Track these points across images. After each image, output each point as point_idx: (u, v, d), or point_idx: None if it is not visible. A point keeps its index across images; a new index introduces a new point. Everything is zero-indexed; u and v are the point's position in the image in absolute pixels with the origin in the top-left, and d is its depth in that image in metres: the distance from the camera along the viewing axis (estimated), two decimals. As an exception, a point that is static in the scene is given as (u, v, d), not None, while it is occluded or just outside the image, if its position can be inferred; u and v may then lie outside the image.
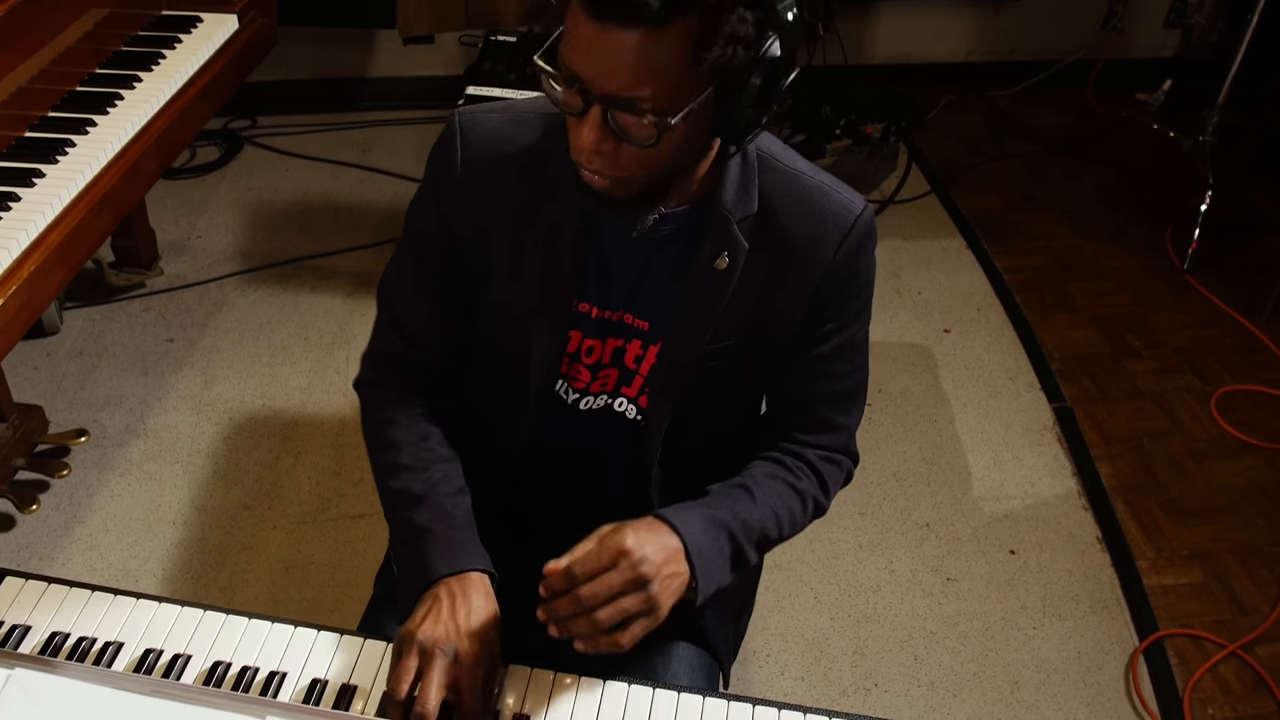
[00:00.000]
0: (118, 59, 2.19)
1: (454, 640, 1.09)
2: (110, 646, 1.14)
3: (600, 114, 0.98)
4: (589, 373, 1.26)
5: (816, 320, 1.22)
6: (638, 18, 0.92)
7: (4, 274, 1.69)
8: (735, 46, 0.96)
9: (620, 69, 0.95)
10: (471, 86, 2.54)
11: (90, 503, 2.32)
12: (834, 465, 1.31)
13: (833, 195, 1.18)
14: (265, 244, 3.08)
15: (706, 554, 1.11)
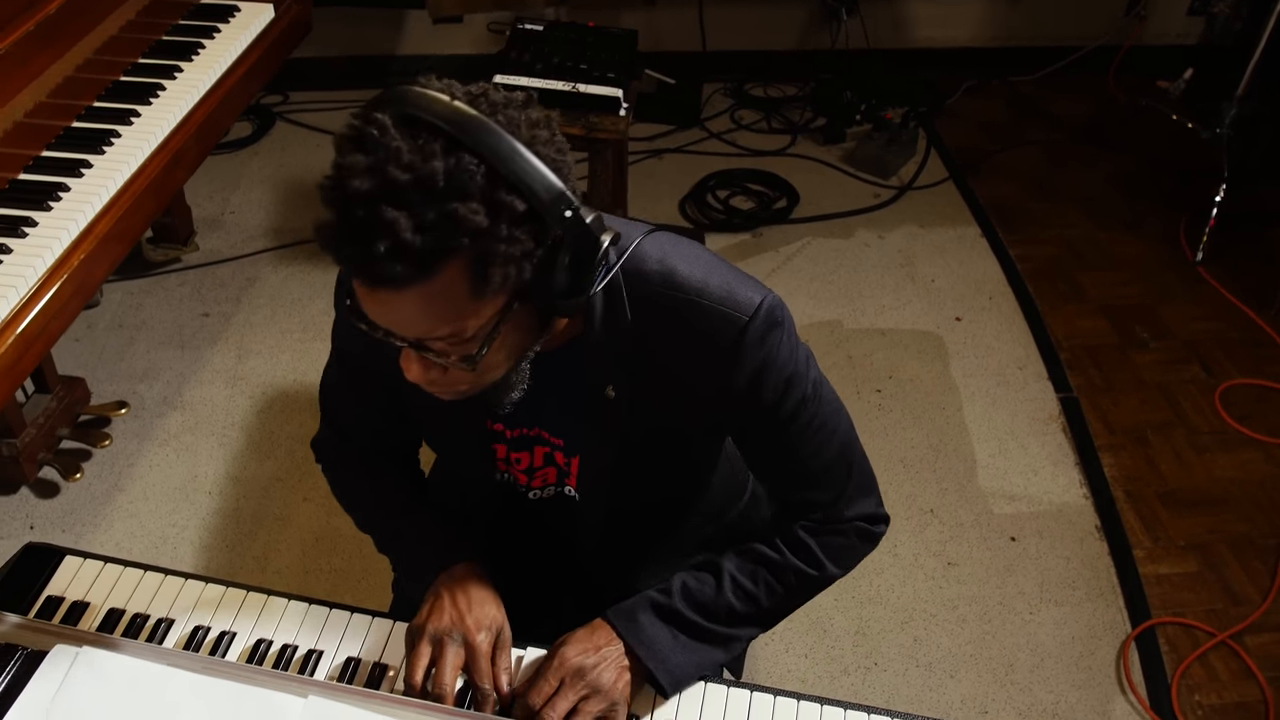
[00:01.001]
0: (159, 49, 2.27)
1: (459, 626, 1.19)
2: (162, 623, 1.25)
3: (416, 354, 1.01)
4: (526, 475, 1.32)
5: (741, 422, 1.22)
6: (402, 282, 0.90)
7: (56, 263, 1.78)
8: (515, 264, 0.94)
9: (410, 322, 0.96)
10: (499, 75, 2.61)
11: (130, 472, 2.44)
12: (835, 535, 1.28)
13: (710, 306, 1.12)
14: (296, 220, 3.17)
15: (656, 644, 1.19)
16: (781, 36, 3.86)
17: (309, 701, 1.06)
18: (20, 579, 1.30)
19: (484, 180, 0.90)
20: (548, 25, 2.74)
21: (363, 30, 3.63)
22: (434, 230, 0.88)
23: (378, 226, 0.87)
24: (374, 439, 1.37)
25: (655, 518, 1.38)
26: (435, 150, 0.89)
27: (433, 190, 0.88)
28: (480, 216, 0.89)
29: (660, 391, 1.16)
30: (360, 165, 0.88)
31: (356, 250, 0.89)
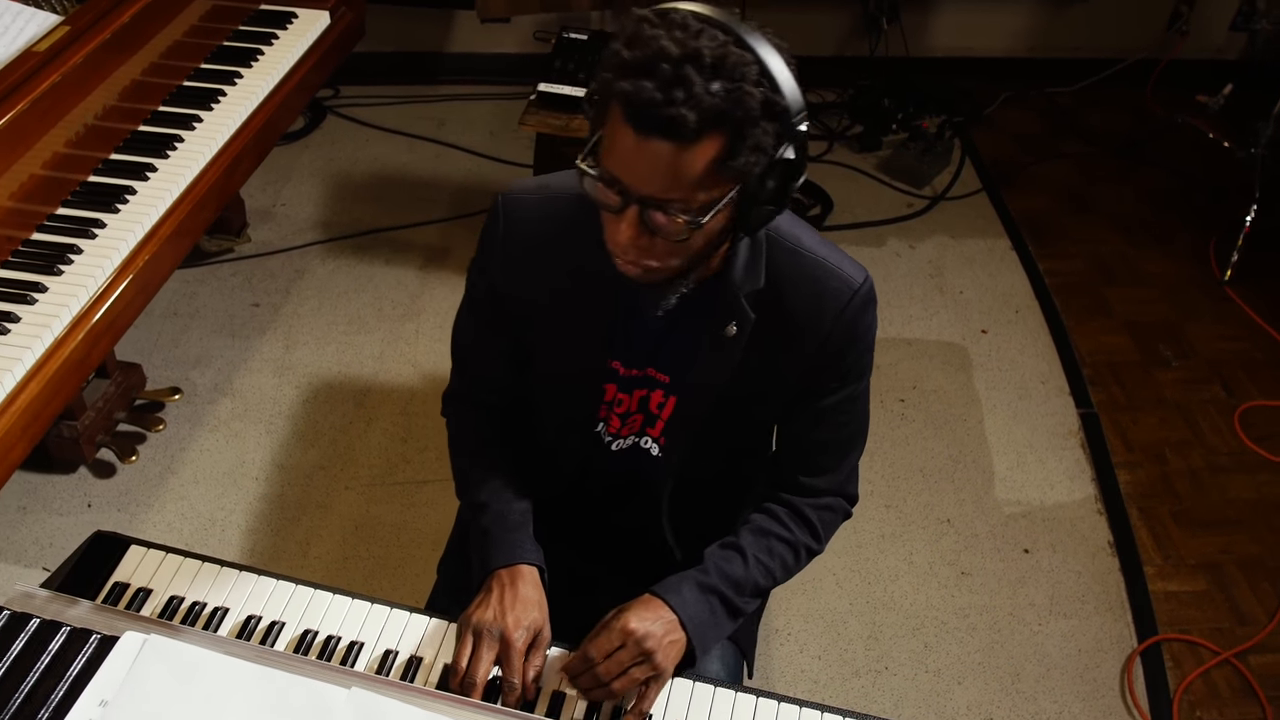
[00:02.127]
0: (220, 54, 2.38)
1: (500, 623, 1.30)
2: (218, 612, 1.36)
3: (637, 213, 1.14)
4: (619, 420, 1.44)
5: (818, 379, 1.37)
6: (674, 134, 1.06)
7: (123, 263, 1.90)
8: (757, 155, 1.11)
9: (657, 175, 1.10)
10: (544, 84, 2.70)
11: (182, 456, 2.56)
12: (829, 511, 1.47)
13: (833, 270, 1.31)
14: (345, 214, 3.29)
15: (699, 619, 1.33)
16: (821, 43, 3.92)
17: (352, 692, 1.16)
18: (89, 565, 1.41)
19: (758, 75, 1.08)
20: (592, 35, 2.82)
21: (413, 28, 3.73)
22: (720, 97, 1.05)
23: (681, 80, 1.04)
24: (499, 386, 1.49)
25: (718, 488, 1.52)
26: (729, 42, 1.08)
27: (724, 67, 1.06)
28: (754, 100, 1.07)
29: (771, 340, 1.32)
30: (670, 36, 1.06)
31: (658, 94, 1.05)
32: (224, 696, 1.15)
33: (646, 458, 1.47)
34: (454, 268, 3.09)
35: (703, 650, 1.33)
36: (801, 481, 1.45)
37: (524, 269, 1.36)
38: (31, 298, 1.78)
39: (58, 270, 1.84)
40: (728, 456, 1.49)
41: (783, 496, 1.46)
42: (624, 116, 1.08)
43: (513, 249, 1.36)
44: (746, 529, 1.43)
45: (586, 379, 1.40)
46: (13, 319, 1.75)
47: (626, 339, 1.37)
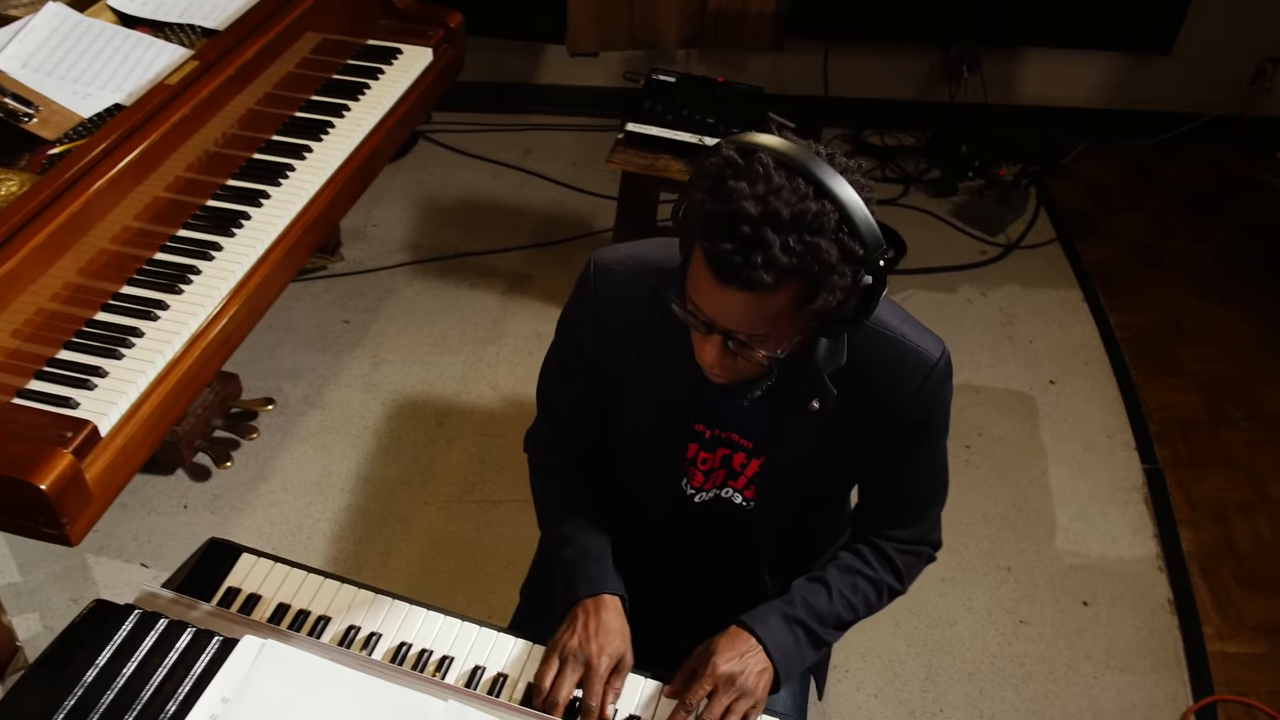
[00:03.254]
0: (330, 87, 2.51)
1: (585, 649, 1.39)
2: (321, 621, 1.46)
3: (721, 341, 1.23)
4: (702, 476, 1.54)
5: (901, 444, 1.45)
6: (753, 288, 1.14)
7: (238, 284, 2.03)
8: (835, 293, 1.17)
9: (737, 318, 1.19)
10: (632, 123, 2.80)
11: (273, 464, 2.69)
12: (913, 556, 1.56)
13: (911, 348, 1.38)
14: (432, 237, 3.42)
15: (785, 648, 1.42)
16: (901, 87, 3.98)
17: (449, 705, 1.26)
18: (205, 570, 1.52)
19: (836, 224, 1.14)
20: (680, 78, 2.92)
21: (504, 59, 3.86)
22: (797, 255, 1.12)
23: (759, 243, 1.12)
24: (583, 434, 1.59)
25: (806, 530, 1.60)
26: (808, 194, 1.13)
27: (803, 225, 1.13)
28: (831, 253, 1.13)
29: (853, 411, 1.39)
30: (749, 193, 1.12)
31: (737, 256, 1.13)
32: (332, 700, 1.25)
33: (730, 506, 1.56)
34: (536, 294, 3.21)
35: (787, 678, 1.42)
36: (888, 532, 1.54)
37: (612, 334, 1.45)
38: (155, 314, 1.91)
39: (179, 289, 1.97)
40: (814, 507, 1.57)
41: (871, 539, 1.54)
42: (707, 264, 1.16)
43: (602, 314, 1.45)
44: (833, 565, 1.52)
45: (670, 439, 1.49)
46: (138, 334, 1.88)
47: (710, 404, 1.45)
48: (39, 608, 2.37)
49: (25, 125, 1.99)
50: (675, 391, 1.43)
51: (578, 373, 1.53)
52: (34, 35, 2.14)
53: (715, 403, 1.45)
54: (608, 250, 1.48)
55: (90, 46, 2.17)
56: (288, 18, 2.29)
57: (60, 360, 1.83)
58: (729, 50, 3.72)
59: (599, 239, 3.41)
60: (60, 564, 2.45)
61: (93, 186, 1.83)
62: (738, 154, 1.16)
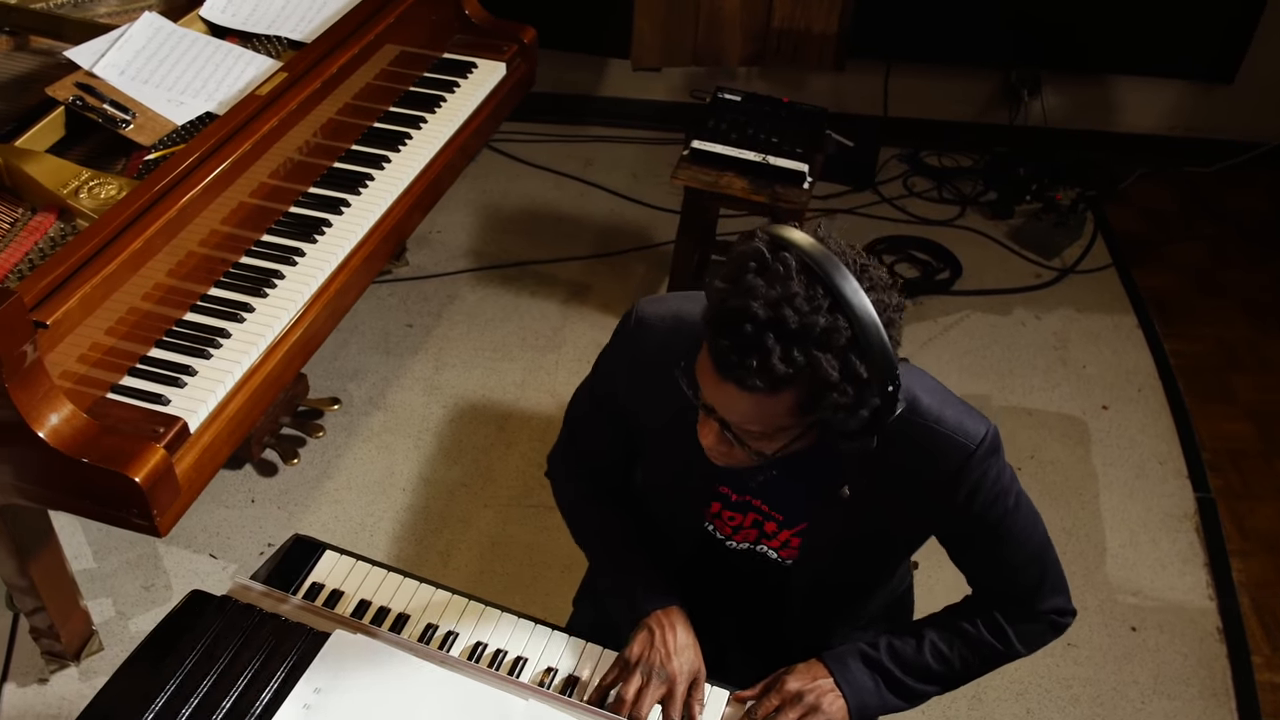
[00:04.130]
0: (407, 99, 2.59)
1: (666, 667, 1.44)
2: (401, 618, 1.53)
3: (719, 428, 1.25)
4: (731, 529, 1.56)
5: (963, 533, 1.44)
6: (750, 389, 1.14)
7: (320, 288, 2.10)
8: (836, 410, 1.17)
9: (734, 412, 1.21)
10: (697, 141, 2.85)
11: (338, 462, 2.77)
12: (1028, 621, 1.50)
13: (945, 433, 1.33)
14: (494, 245, 3.49)
15: (861, 686, 1.45)
16: (961, 109, 4.01)
17: (530, 704, 1.32)
18: (290, 564, 1.59)
19: (846, 343, 1.13)
20: (745, 97, 2.97)
21: (568, 71, 3.93)
22: (796, 367, 1.11)
23: (758, 347, 1.11)
24: (606, 468, 1.63)
25: (850, 590, 1.59)
26: (823, 306, 1.12)
27: (809, 338, 1.11)
28: (833, 371, 1.12)
29: (888, 498, 1.39)
30: (762, 293, 1.11)
31: (734, 355, 1.12)
32: (418, 695, 1.31)
33: (766, 560, 1.57)
34: (595, 304, 3.27)
35: (857, 713, 1.44)
36: (1001, 614, 1.49)
37: (644, 391, 1.45)
38: (241, 316, 1.99)
39: (264, 293, 2.05)
40: (859, 569, 1.55)
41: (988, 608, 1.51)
42: (710, 359, 1.17)
43: (637, 371, 1.46)
44: (935, 616, 1.53)
45: (693, 496, 1.52)
46: (225, 335, 1.96)
47: (736, 474, 1.43)
48: (112, 594, 2.46)
49: (123, 131, 2.08)
50: (700, 454, 1.35)
51: (605, 413, 1.55)
52: (131, 44, 2.23)
53: (736, 473, 1.43)
54: (652, 303, 1.46)
55: (183, 56, 2.26)
56: (372, 31, 2.36)
57: (152, 358, 1.91)
58: (790, 69, 3.77)
59: (658, 251, 3.46)
60: (132, 552, 2.54)
61: (189, 193, 1.91)
62: (766, 248, 1.15)
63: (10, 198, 1.95)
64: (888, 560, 1.58)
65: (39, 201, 1.94)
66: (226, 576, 2.51)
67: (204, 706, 1.29)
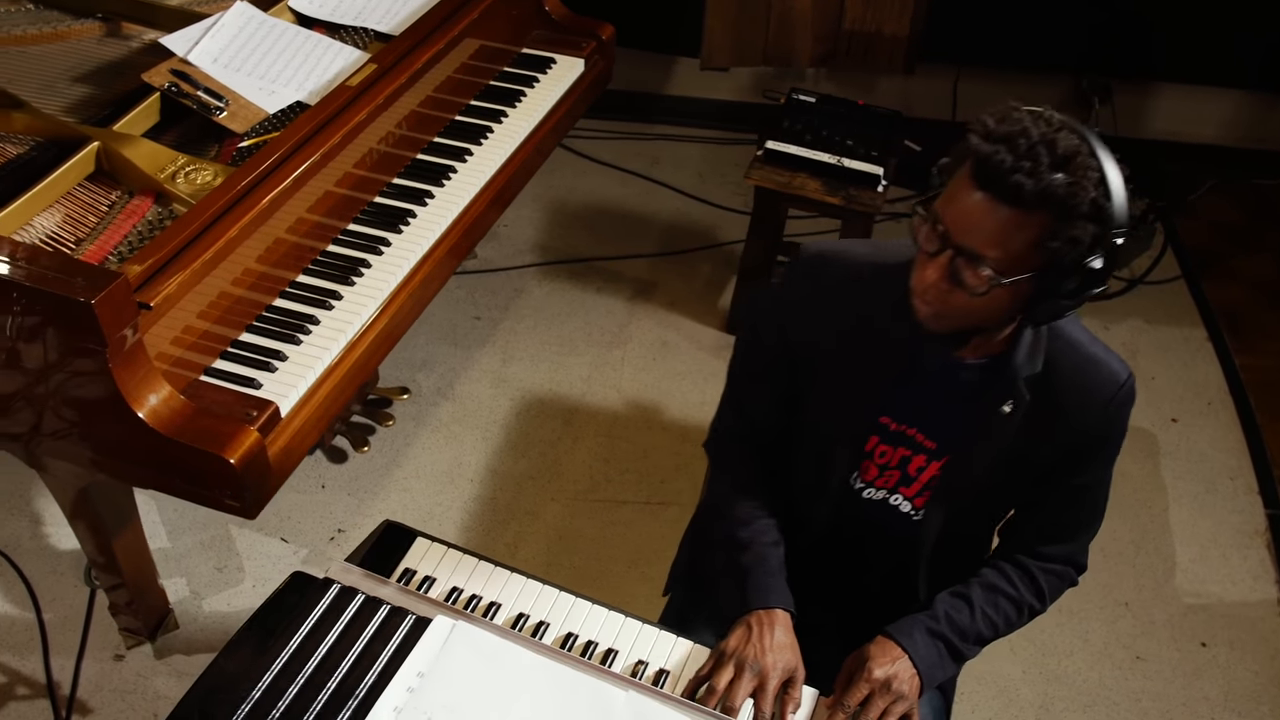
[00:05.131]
0: (488, 93, 2.60)
1: (760, 661, 1.46)
2: (493, 606, 1.54)
3: (949, 259, 1.29)
4: (876, 470, 1.59)
5: (1074, 462, 1.51)
6: (1010, 199, 1.22)
7: (405, 277, 2.12)
8: (1070, 247, 1.25)
9: (982, 230, 1.26)
10: (771, 141, 2.86)
11: (407, 451, 2.80)
12: (1056, 577, 1.62)
13: (1103, 366, 1.47)
14: (560, 240, 3.51)
15: (929, 660, 1.49)
16: (1029, 115, 3.96)
17: (629, 695, 1.33)
18: (382, 550, 1.61)
19: (1098, 180, 1.25)
20: (820, 98, 2.97)
21: (636, 69, 3.92)
22: (1059, 181, 1.22)
23: (1033, 156, 1.22)
24: (769, 423, 1.65)
25: (967, 545, 1.65)
26: (1081, 147, 1.26)
27: (1073, 162, 1.23)
28: (1086, 197, 1.23)
29: (1039, 423, 1.46)
30: (1035, 122, 1.25)
31: (1008, 159, 1.22)
32: (519, 683, 1.32)
33: (895, 514, 1.61)
34: (660, 302, 3.27)
35: (928, 688, 1.49)
36: (1038, 549, 1.59)
37: (816, 318, 1.52)
38: (329, 303, 2.02)
39: (351, 281, 2.07)
40: (980, 521, 1.62)
41: (1016, 557, 1.60)
42: (971, 172, 1.24)
43: (811, 298, 1.53)
44: (977, 582, 1.58)
45: (854, 428, 1.55)
46: (314, 321, 1.98)
47: (900, 398, 1.52)
48: (185, 573, 2.50)
49: (216, 118, 2.11)
50: (868, 381, 1.51)
51: (771, 361, 1.60)
52: (224, 32, 2.26)
53: (905, 397, 1.51)
54: (816, 242, 1.59)
55: (274, 45, 2.29)
56: (459, 25, 2.38)
57: (244, 342, 1.94)
58: (859, 71, 3.76)
59: (723, 251, 3.47)
60: (205, 533, 2.58)
61: (284, 180, 1.94)
62: (1026, 109, 1.29)
63: (108, 181, 1.99)
64: (1003, 509, 1.63)
65: (136, 185, 1.97)
66: (298, 560, 2.54)
67: (309, 686, 1.31)
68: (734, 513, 1.62)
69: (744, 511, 1.61)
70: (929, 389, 1.51)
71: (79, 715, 2.23)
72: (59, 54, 2.31)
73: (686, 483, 2.74)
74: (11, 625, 2.37)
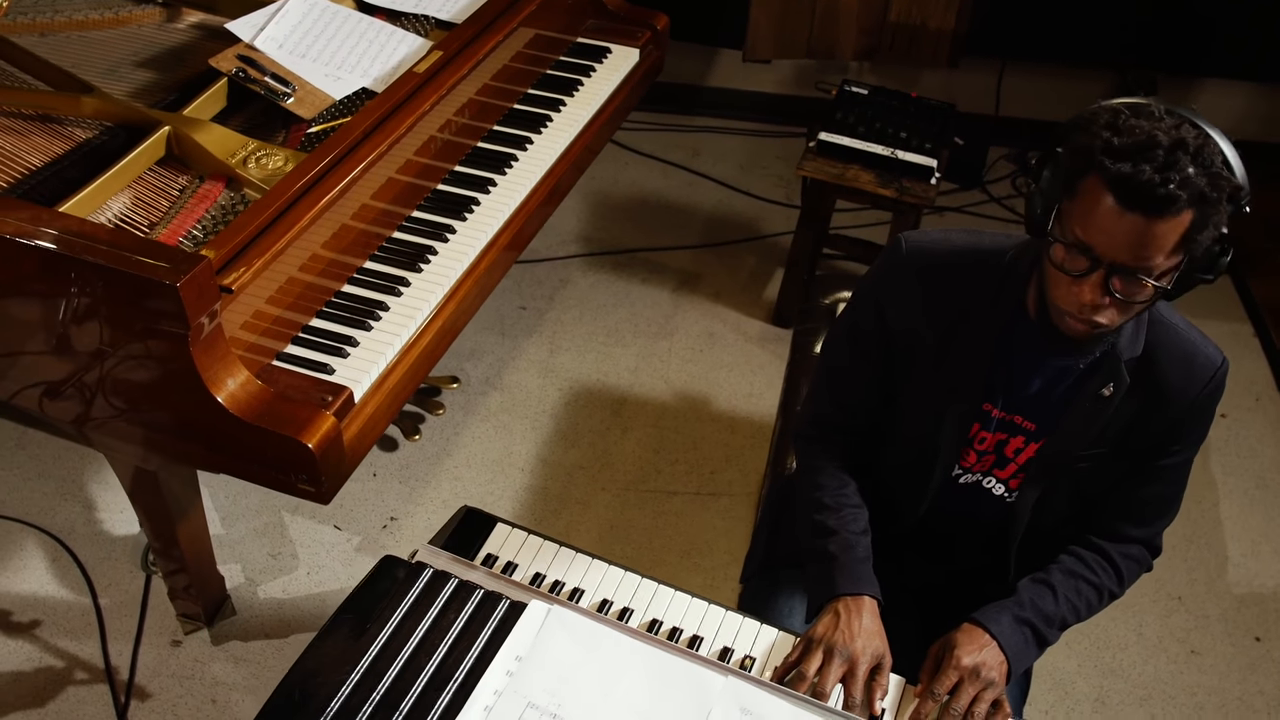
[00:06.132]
0: (545, 82, 2.60)
1: (849, 646, 1.45)
2: (577, 592, 1.54)
3: (1102, 277, 1.28)
4: (975, 456, 1.59)
5: (1165, 442, 1.51)
6: (1161, 211, 1.22)
7: (471, 264, 2.12)
8: (1214, 230, 1.27)
9: (1133, 245, 1.25)
10: (824, 133, 2.85)
11: (456, 440, 2.80)
12: (1134, 561, 1.62)
13: (1200, 350, 1.49)
14: (604, 231, 3.50)
15: (1016, 647, 1.50)
16: (1073, 109, 3.93)
17: (728, 680, 1.32)
18: (463, 536, 1.61)
19: (1223, 162, 1.27)
20: (872, 90, 2.96)
21: (678, 60, 3.90)
22: (1206, 179, 1.22)
23: (1174, 164, 1.21)
24: (865, 412, 1.65)
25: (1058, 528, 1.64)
26: (1199, 133, 1.26)
27: (1204, 155, 1.24)
28: (1225, 185, 1.25)
29: (1138, 404, 1.48)
30: (1155, 126, 1.24)
31: (1153, 176, 1.21)
32: (618, 666, 1.32)
33: (989, 496, 1.61)
34: (705, 293, 3.27)
35: (1015, 675, 1.49)
36: (1119, 530, 1.59)
37: (919, 307, 1.52)
38: (398, 290, 2.02)
39: (419, 267, 2.07)
40: (1074, 503, 1.62)
41: (1094, 541, 1.60)
42: (1110, 191, 1.24)
43: (912, 288, 1.53)
44: (1057, 568, 1.58)
45: (958, 416, 1.55)
46: (384, 307, 1.98)
47: (1004, 385, 1.52)
48: (240, 560, 2.50)
49: (284, 104, 2.11)
50: (972, 370, 1.51)
51: (869, 349, 1.59)
52: (288, 18, 2.26)
53: (1009, 385, 1.51)
54: (915, 232, 1.58)
55: (338, 31, 2.29)
56: (523, 11, 2.38)
57: (314, 328, 1.94)
58: (904, 64, 3.74)
59: (767, 243, 3.46)
60: (259, 520, 2.58)
61: (359, 165, 1.94)
62: (1124, 106, 1.29)
63: (177, 165, 1.99)
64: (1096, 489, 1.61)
65: (207, 169, 1.97)
66: (351, 548, 2.54)
67: (408, 669, 1.31)
68: (823, 500, 1.62)
69: (833, 499, 1.61)
70: (1033, 374, 1.51)
71: (138, 700, 2.24)
72: (120, 39, 2.31)
73: (737, 474, 2.74)
74: (68, 611, 2.38)
